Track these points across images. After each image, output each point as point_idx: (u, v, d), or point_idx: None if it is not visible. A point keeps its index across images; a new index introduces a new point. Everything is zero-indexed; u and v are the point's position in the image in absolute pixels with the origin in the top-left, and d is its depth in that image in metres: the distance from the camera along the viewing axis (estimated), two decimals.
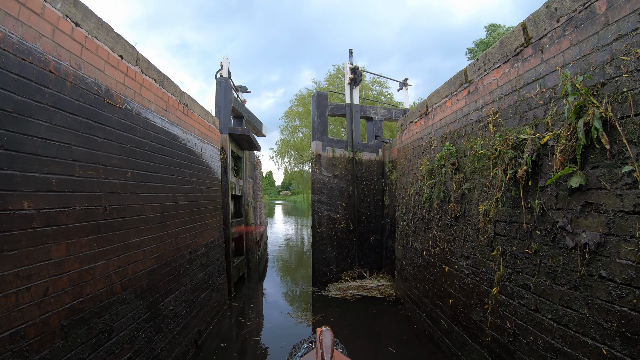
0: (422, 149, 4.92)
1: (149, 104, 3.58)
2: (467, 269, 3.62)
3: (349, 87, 7.91)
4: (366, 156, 7.79)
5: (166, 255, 3.75)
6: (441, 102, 4.44)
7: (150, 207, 3.46)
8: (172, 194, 3.92)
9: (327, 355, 2.45)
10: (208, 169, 5.24)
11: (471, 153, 3.59)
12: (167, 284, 3.76)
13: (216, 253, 5.44)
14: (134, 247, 3.17)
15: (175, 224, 3.97)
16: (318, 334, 2.66)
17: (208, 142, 5.33)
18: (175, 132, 4.15)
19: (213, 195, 5.38)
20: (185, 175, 4.33)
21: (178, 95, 4.32)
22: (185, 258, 4.21)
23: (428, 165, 4.58)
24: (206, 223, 5.02)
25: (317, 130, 7.24)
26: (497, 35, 27.59)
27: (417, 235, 4.98)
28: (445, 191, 4.03)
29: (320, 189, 7.15)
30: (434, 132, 4.59)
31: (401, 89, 9.45)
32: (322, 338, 2.59)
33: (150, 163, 3.50)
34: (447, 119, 4.25)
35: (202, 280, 4.74)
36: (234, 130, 6.47)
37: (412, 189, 5.16)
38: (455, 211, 3.75)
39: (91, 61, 2.78)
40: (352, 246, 7.52)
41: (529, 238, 2.77)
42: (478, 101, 3.64)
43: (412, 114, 5.43)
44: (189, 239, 4.36)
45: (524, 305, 2.86)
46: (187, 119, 4.55)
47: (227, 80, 6.70)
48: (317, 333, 2.70)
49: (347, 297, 6.38)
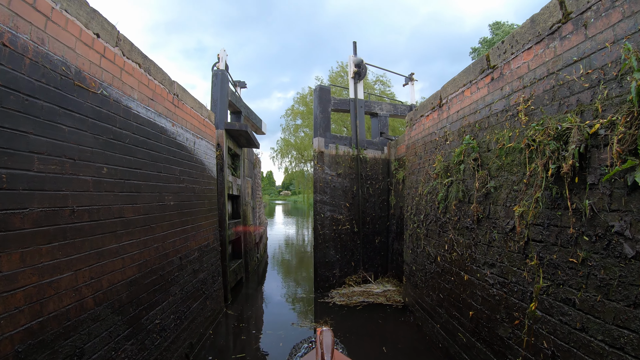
0: (435, 144, 4.50)
1: (131, 91, 3.16)
2: (492, 279, 3.19)
3: (353, 81, 7.48)
4: (371, 154, 7.37)
5: (151, 263, 3.33)
6: (458, 92, 4.02)
7: (132, 209, 3.04)
8: (158, 193, 3.50)
9: (327, 355, 2.41)
10: (202, 166, 4.81)
11: (497, 147, 3.17)
12: (153, 295, 3.33)
13: (211, 257, 5.02)
14: (111, 254, 2.75)
15: (162, 227, 3.54)
16: (318, 334, 2.61)
17: (202, 137, 4.91)
18: (163, 125, 3.72)
19: (207, 194, 4.95)
20: (175, 173, 3.91)
21: (167, 84, 3.90)
22: (174, 265, 3.79)
23: (443, 162, 4.15)
24: (199, 225, 4.59)
25: (320, 126, 6.81)
26: (502, 33, 27.13)
27: (429, 239, 4.55)
28: (464, 190, 3.61)
29: (323, 189, 6.73)
30: (449, 126, 4.16)
31: (407, 84, 9.02)
32: (322, 338, 2.55)
33: (132, 158, 3.08)
34: (465, 110, 3.82)
35: (194, 288, 4.32)
36: (231, 125, 6.05)
37: (424, 188, 4.73)
38: (477, 213, 3.33)
39: (58, 36, 2.36)
40: (357, 249, 7.09)
41: (574, 245, 2.35)
42: (504, 88, 3.22)
43: (423, 107, 5.01)
44: (179, 243, 3.93)
45: (566, 323, 2.44)
46: (178, 111, 4.13)
47: (224, 72, 6.28)
48: (317, 333, 2.66)
49: (352, 304, 5.95)
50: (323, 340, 2.52)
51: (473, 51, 29.80)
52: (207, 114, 5.18)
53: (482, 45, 29.00)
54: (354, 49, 7.78)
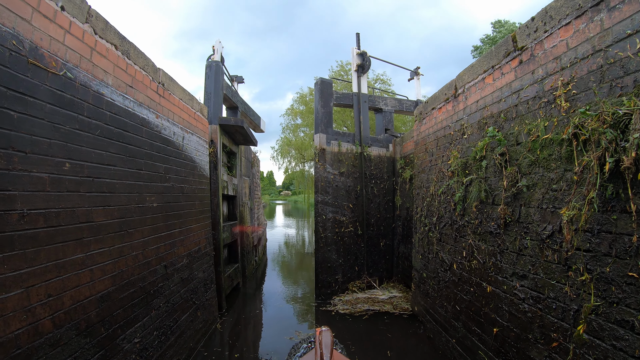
0: (450, 139, 4.06)
1: (104, 76, 2.73)
2: (523, 292, 2.76)
3: (356, 74, 7.05)
4: (375, 151, 6.93)
5: (128, 273, 2.89)
6: (477, 80, 3.58)
7: (103, 212, 2.61)
8: (138, 193, 3.06)
9: (327, 355, 2.40)
10: (192, 163, 4.38)
11: (529, 139, 2.73)
12: (130, 310, 2.90)
13: (202, 264, 4.58)
14: (75, 266, 2.32)
15: (142, 232, 3.11)
16: (317, 334, 2.59)
17: (192, 132, 4.48)
18: (145, 116, 3.29)
19: (199, 195, 4.52)
20: (159, 171, 3.47)
21: (150, 71, 3.47)
22: (157, 274, 3.35)
23: (460, 159, 3.72)
24: (189, 229, 4.16)
25: (321, 121, 6.37)
26: (504, 31, 26.64)
27: (443, 244, 4.11)
28: (487, 190, 3.17)
29: (325, 188, 6.29)
30: (466, 118, 3.73)
31: (412, 79, 8.59)
32: (321, 338, 2.52)
33: (103, 152, 2.64)
34: (487, 100, 3.39)
35: (182, 298, 3.88)
36: (226, 120, 5.61)
37: (437, 188, 4.30)
38: (505, 216, 2.89)
39: (9, 4, 1.93)
40: (360, 252, 6.65)
41: (634, 256, 1.91)
42: (536, 72, 2.79)
43: (435, 99, 4.57)
44: (164, 249, 3.50)
45: (621, 349, 2.01)
46: (164, 102, 3.70)
47: (218, 64, 5.84)
48: (316, 333, 2.64)
49: (356, 312, 5.51)
50: (322, 340, 2.49)
51: (475, 49, 29.23)
52: (198, 107, 4.75)
53: (484, 43, 28.46)
54: (357, 42, 7.35)
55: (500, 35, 26.52)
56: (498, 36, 26.77)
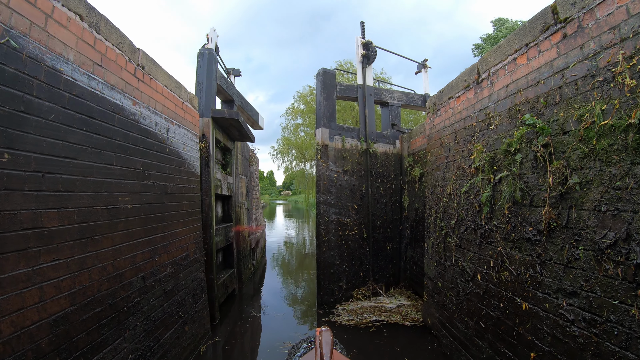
0: (472, 130, 3.57)
1: (64, 50, 2.24)
2: (572, 313, 2.26)
3: (361, 65, 6.56)
4: (382, 148, 6.44)
5: (94, 289, 2.41)
6: (507, 62, 3.09)
7: (57, 215, 2.12)
8: (107, 192, 2.57)
9: (327, 355, 2.38)
10: (179, 159, 3.89)
11: (580, 127, 2.24)
12: (97, 333, 2.41)
13: (191, 272, 4.09)
14: (18, 284, 1.83)
15: (112, 238, 2.62)
16: (317, 334, 2.56)
17: (180, 124, 3.99)
18: (119, 102, 2.80)
19: (186, 195, 4.03)
20: (136, 166, 2.98)
21: (127, 50, 2.98)
22: (133, 287, 2.86)
23: (486, 153, 3.23)
24: (174, 233, 3.67)
25: (324, 115, 5.88)
26: (505, 30, 26.09)
27: (464, 251, 3.62)
28: (524, 189, 2.68)
29: (327, 188, 5.79)
30: (493, 106, 3.24)
31: (419, 72, 8.10)
32: (321, 338, 2.49)
33: (59, 142, 2.16)
34: (520, 83, 2.90)
35: (166, 313, 3.39)
36: (219, 113, 5.12)
37: (457, 187, 3.81)
38: (548, 219, 2.40)
39: None
40: (366, 257, 6.15)
41: None
42: (586, 46, 2.29)
43: (452, 87, 4.08)
44: (142, 258, 3.01)
45: None
46: (143, 87, 3.21)
47: (211, 51, 5.35)
48: (316, 333, 2.61)
49: (362, 324, 5.02)
50: (322, 340, 2.46)
51: (476, 48, 28.65)
52: (187, 97, 4.26)
53: (485, 42, 27.90)
54: (362, 31, 6.86)
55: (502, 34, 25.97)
56: (499, 35, 26.20)
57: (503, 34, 25.54)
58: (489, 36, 27.89)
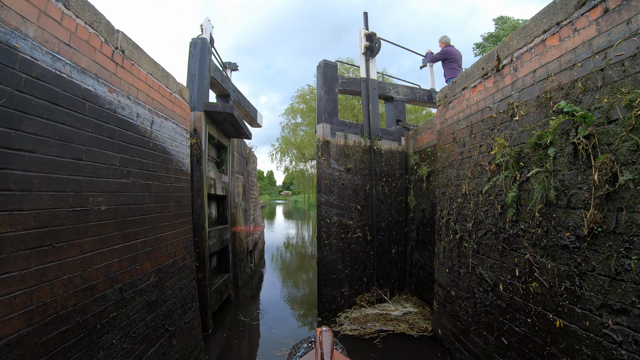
0: (492, 123, 3.20)
1: (21, 23, 1.88)
2: (621, 334, 1.90)
3: (365, 57, 6.19)
4: (386, 145, 6.07)
5: (56, 306, 2.04)
6: (534, 44, 2.73)
7: (8, 219, 1.75)
8: (74, 192, 2.21)
9: (327, 355, 2.33)
10: (165, 155, 3.52)
11: (631, 114, 1.88)
12: (61, 357, 2.04)
13: (180, 279, 3.73)
14: None
15: (81, 245, 2.25)
16: (318, 334, 2.52)
17: (167, 116, 3.62)
18: (91, 88, 2.44)
19: (174, 195, 3.66)
20: (112, 162, 2.62)
21: (103, 30, 2.62)
22: (108, 301, 2.50)
23: (510, 147, 2.86)
24: (160, 237, 3.30)
25: (325, 109, 5.51)
26: (508, 28, 25.68)
27: (483, 257, 3.26)
28: (559, 188, 2.32)
29: (329, 187, 5.42)
30: (517, 94, 2.88)
31: (425, 66, 7.73)
32: (321, 338, 2.44)
33: (12, 132, 1.79)
34: (551, 67, 2.53)
35: (149, 327, 3.03)
36: (212, 106, 4.75)
37: (474, 186, 3.44)
38: (592, 224, 2.03)
39: None
40: (370, 261, 5.79)
41: None
42: (634, 21, 1.94)
43: (467, 76, 3.71)
44: (119, 267, 2.64)
45: None
46: (123, 74, 2.84)
47: (205, 40, 4.98)
48: (316, 333, 2.58)
49: (367, 334, 4.65)
50: (323, 340, 2.43)
51: (477, 47, 28.15)
52: (176, 88, 3.89)
53: (486, 41, 27.43)
54: (365, 22, 6.49)
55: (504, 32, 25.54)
56: (501, 33, 25.76)
57: (506, 32, 25.12)
58: (491, 34, 27.45)
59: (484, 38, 27.81)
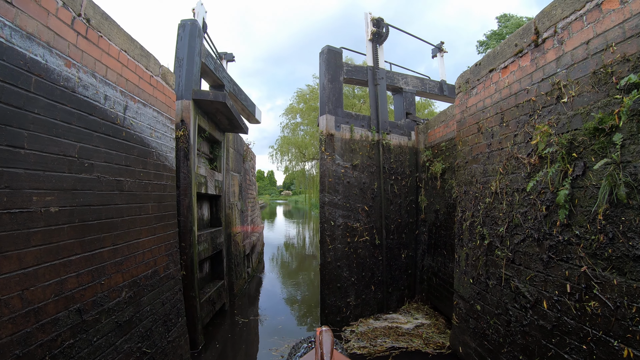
0: (530, 108, 2.70)
1: None
2: None
3: (372, 44, 5.69)
4: (395, 140, 5.57)
5: None
6: (585, 10, 2.22)
7: None
8: (10, 189, 1.70)
9: (327, 355, 2.33)
10: (142, 147, 3.02)
11: None
12: None
13: (161, 292, 3.22)
14: None
15: (20, 258, 1.75)
16: (317, 334, 2.47)
17: (146, 102, 3.12)
18: (40, 58, 1.93)
19: (154, 194, 3.16)
20: (69, 153, 2.12)
21: None
22: (62, 326, 1.99)
23: (557, 135, 2.36)
24: (134, 244, 2.79)
25: (329, 99, 5.00)
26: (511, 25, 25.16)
27: (520, 268, 2.74)
28: (631, 184, 1.81)
29: (333, 186, 4.92)
30: (565, 72, 2.37)
31: (435, 56, 7.24)
32: (321, 338, 2.42)
33: None
34: (610, 35, 2.03)
35: (121, 352, 2.52)
36: (202, 94, 4.25)
37: (508, 183, 2.93)
38: None
39: None
40: (378, 268, 5.28)
41: None
42: None
43: (496, 56, 3.21)
44: (77, 283, 2.14)
45: None
46: (86, 46, 2.34)
47: (195, 22, 4.48)
48: (316, 333, 2.52)
49: (377, 352, 4.13)
50: (323, 340, 2.39)
51: (480, 45, 27.61)
52: (158, 71, 3.39)
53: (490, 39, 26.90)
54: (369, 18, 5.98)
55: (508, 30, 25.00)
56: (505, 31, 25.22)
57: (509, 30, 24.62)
58: (494, 32, 26.94)
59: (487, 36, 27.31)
